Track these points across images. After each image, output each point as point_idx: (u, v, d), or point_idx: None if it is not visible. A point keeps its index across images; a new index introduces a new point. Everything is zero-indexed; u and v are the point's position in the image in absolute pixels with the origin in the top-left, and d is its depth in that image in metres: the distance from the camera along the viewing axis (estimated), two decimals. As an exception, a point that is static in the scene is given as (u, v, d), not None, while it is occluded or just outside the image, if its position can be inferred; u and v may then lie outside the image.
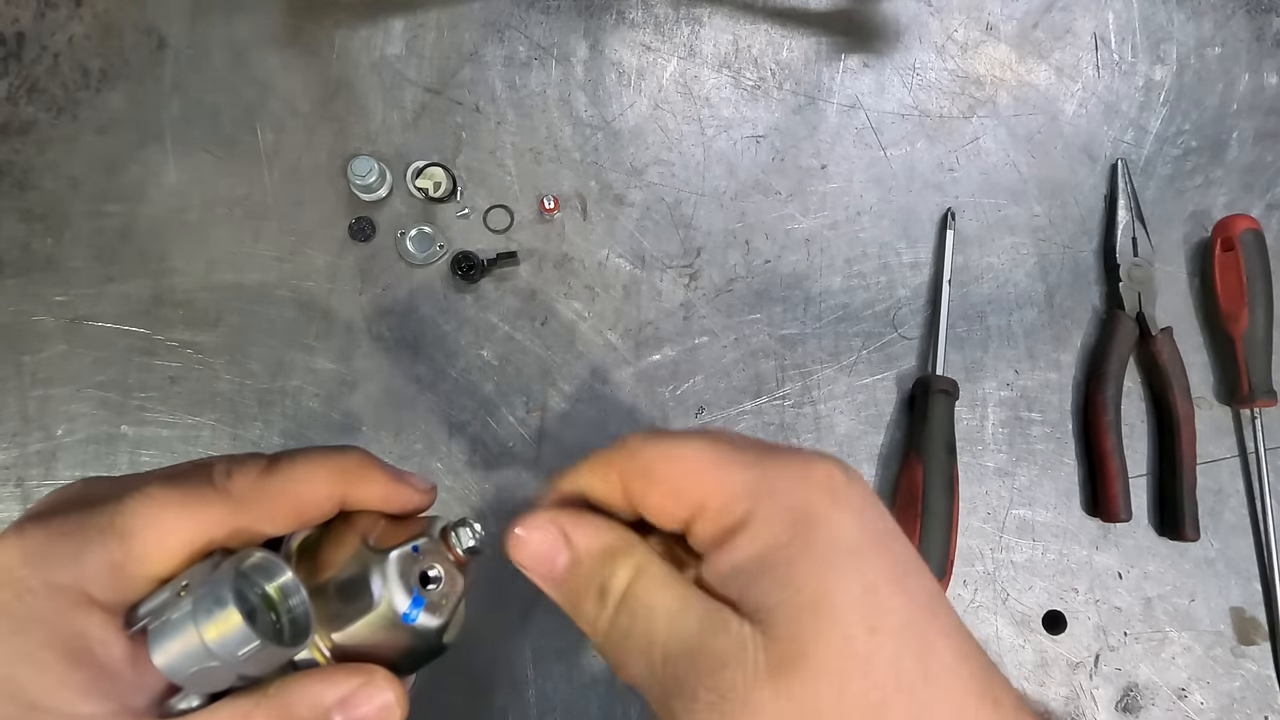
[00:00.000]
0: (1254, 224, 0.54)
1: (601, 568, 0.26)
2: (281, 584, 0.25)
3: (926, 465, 0.51)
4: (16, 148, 0.53)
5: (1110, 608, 0.53)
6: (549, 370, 0.53)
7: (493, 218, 0.55)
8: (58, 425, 0.51)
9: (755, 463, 0.24)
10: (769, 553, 0.23)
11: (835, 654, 0.22)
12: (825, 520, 0.23)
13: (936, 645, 0.22)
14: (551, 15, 0.56)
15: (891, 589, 0.23)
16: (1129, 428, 0.54)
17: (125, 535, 0.24)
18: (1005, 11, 0.58)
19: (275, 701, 0.24)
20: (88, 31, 0.55)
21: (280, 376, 0.52)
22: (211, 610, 0.23)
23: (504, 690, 0.50)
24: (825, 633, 0.22)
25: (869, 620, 0.22)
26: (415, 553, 0.27)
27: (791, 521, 0.23)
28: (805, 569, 0.22)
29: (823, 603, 0.22)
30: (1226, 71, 0.58)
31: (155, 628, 0.24)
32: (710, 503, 0.24)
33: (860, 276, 0.56)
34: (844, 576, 0.22)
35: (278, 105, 0.55)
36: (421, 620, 0.26)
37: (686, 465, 0.25)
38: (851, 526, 0.23)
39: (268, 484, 0.27)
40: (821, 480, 0.24)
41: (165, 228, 0.53)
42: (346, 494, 0.28)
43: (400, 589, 0.26)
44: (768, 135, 0.56)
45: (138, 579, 0.25)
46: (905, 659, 0.22)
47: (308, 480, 0.27)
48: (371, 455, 0.29)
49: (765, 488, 0.24)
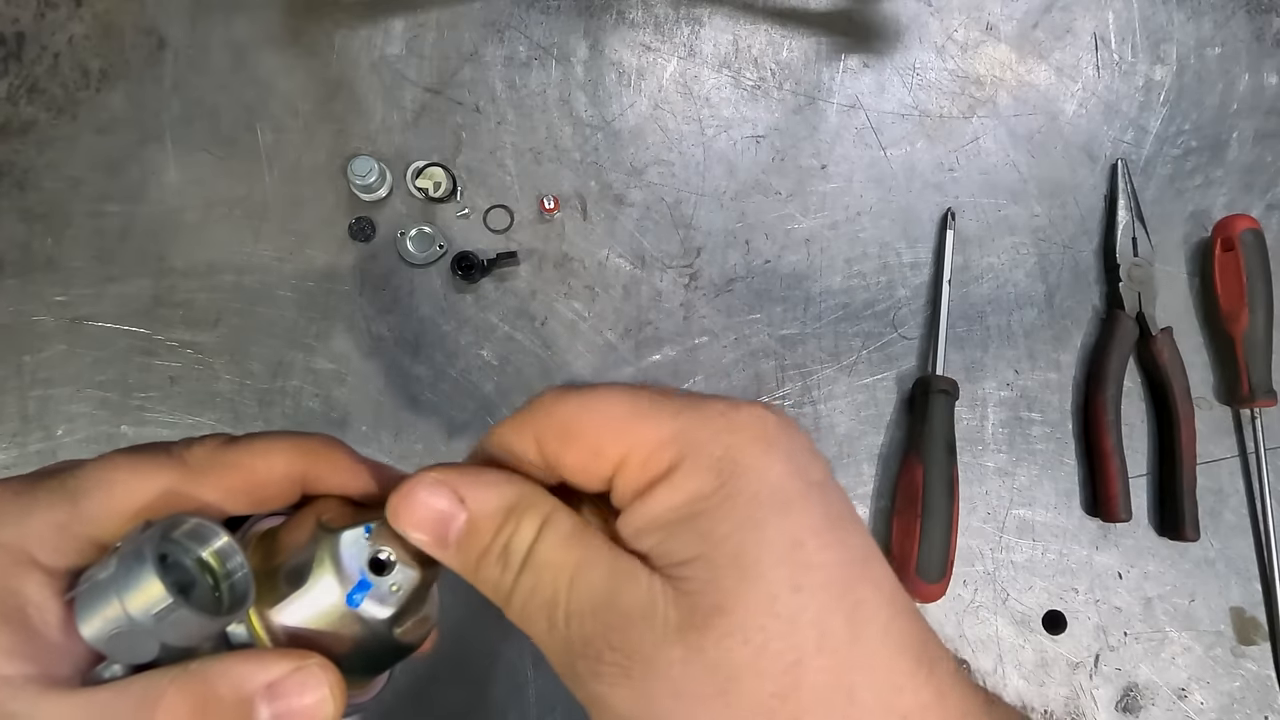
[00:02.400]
0: (1254, 224, 0.54)
1: (502, 527, 0.23)
2: (218, 549, 0.24)
3: (926, 465, 0.51)
4: (16, 148, 0.53)
5: (1110, 608, 0.53)
6: (549, 370, 0.53)
7: (493, 218, 0.55)
8: (58, 425, 0.51)
9: (679, 411, 0.22)
10: (690, 503, 0.21)
11: (754, 612, 0.20)
12: (752, 469, 0.21)
13: (867, 604, 0.21)
14: (551, 15, 0.56)
15: (820, 543, 0.21)
16: (1129, 428, 0.54)
17: (75, 496, 0.24)
18: (1005, 11, 0.58)
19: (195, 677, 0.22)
20: (88, 31, 0.55)
21: (280, 376, 0.52)
22: (130, 567, 0.22)
23: (504, 690, 0.50)
24: (745, 590, 0.20)
25: (794, 578, 0.20)
26: (367, 534, 0.25)
27: (716, 471, 0.21)
28: (727, 521, 0.21)
29: (744, 557, 0.20)
30: (1226, 71, 0.58)
31: (81, 590, 0.23)
32: (632, 456, 0.22)
33: (860, 276, 0.56)
34: (769, 529, 0.21)
35: (278, 105, 0.55)
36: (367, 607, 0.24)
37: (605, 419, 0.23)
38: (780, 475, 0.21)
39: (224, 455, 0.26)
40: (750, 425, 0.22)
41: (165, 228, 0.53)
42: (307, 475, 0.27)
43: (344, 568, 0.24)
44: (768, 135, 0.56)
45: (83, 541, 0.24)
46: (832, 619, 0.20)
47: (265, 455, 0.26)
48: (339, 441, 0.28)
49: (689, 437, 0.22)
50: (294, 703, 0.23)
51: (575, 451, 0.23)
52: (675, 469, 0.22)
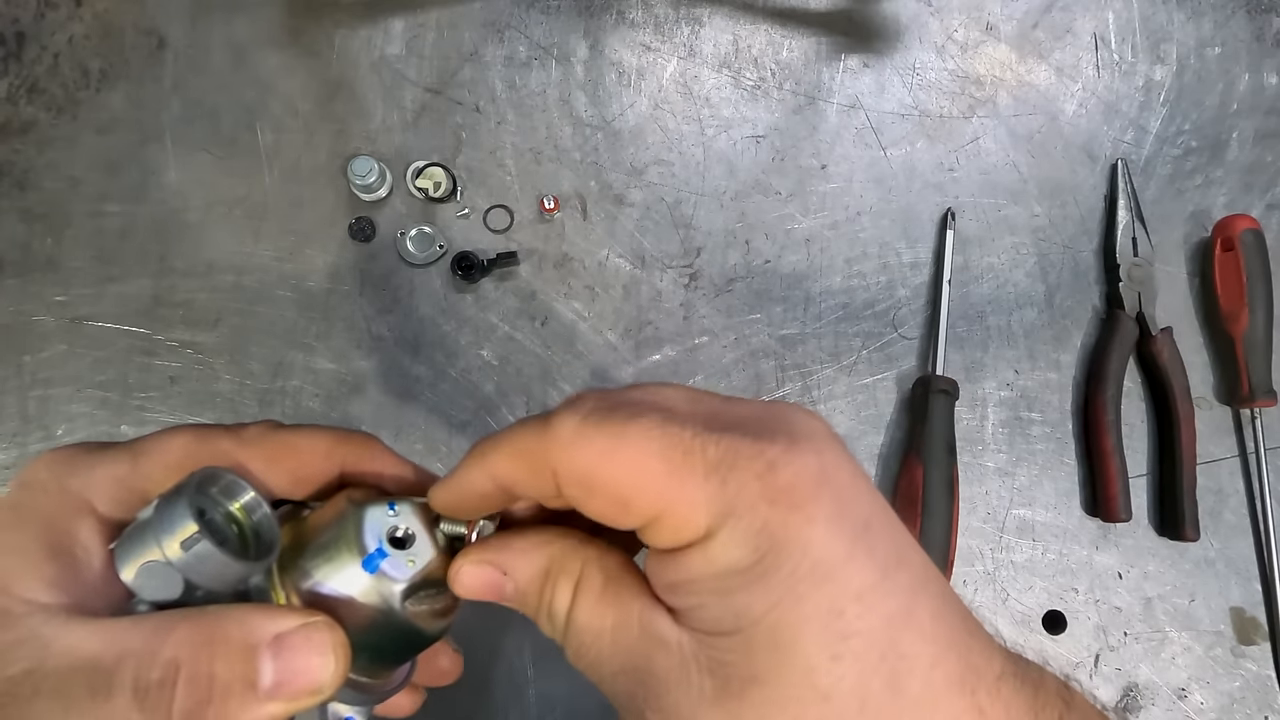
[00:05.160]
0: (1254, 224, 0.54)
1: (542, 593, 0.24)
2: (245, 502, 0.26)
3: (926, 465, 0.51)
4: (16, 148, 0.53)
5: (1110, 608, 0.53)
6: (549, 370, 0.53)
7: (493, 218, 0.55)
8: (58, 425, 0.51)
9: (714, 469, 0.21)
10: (725, 576, 0.21)
11: (792, 684, 0.20)
12: (792, 542, 0.20)
13: (907, 657, 0.21)
14: (551, 15, 0.56)
15: (861, 607, 0.20)
16: (1129, 428, 0.54)
17: (136, 454, 0.27)
18: (1005, 11, 0.58)
19: (208, 616, 0.24)
20: (88, 31, 0.55)
21: (280, 376, 0.52)
22: (166, 504, 0.24)
23: (504, 690, 0.50)
24: (782, 664, 0.20)
25: (833, 648, 0.20)
26: (392, 510, 0.26)
27: (754, 546, 0.20)
28: (765, 600, 0.20)
29: (781, 634, 0.20)
30: (1226, 71, 0.58)
31: (125, 533, 0.25)
32: (663, 519, 0.21)
33: (860, 276, 0.56)
34: (808, 604, 0.20)
35: (278, 105, 0.55)
36: (383, 575, 0.25)
37: (633, 475, 0.21)
38: (822, 543, 0.21)
39: (274, 433, 0.28)
40: (790, 490, 0.21)
41: (165, 228, 0.53)
42: (346, 461, 0.29)
43: (365, 535, 0.26)
44: (768, 135, 0.56)
45: (138, 495, 0.26)
46: (872, 683, 0.20)
47: (310, 438, 0.29)
48: (378, 439, 0.30)
49: (725, 505, 0.21)
50: (298, 658, 0.24)
51: (598, 502, 0.22)
52: (711, 537, 0.21)
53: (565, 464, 0.22)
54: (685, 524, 0.21)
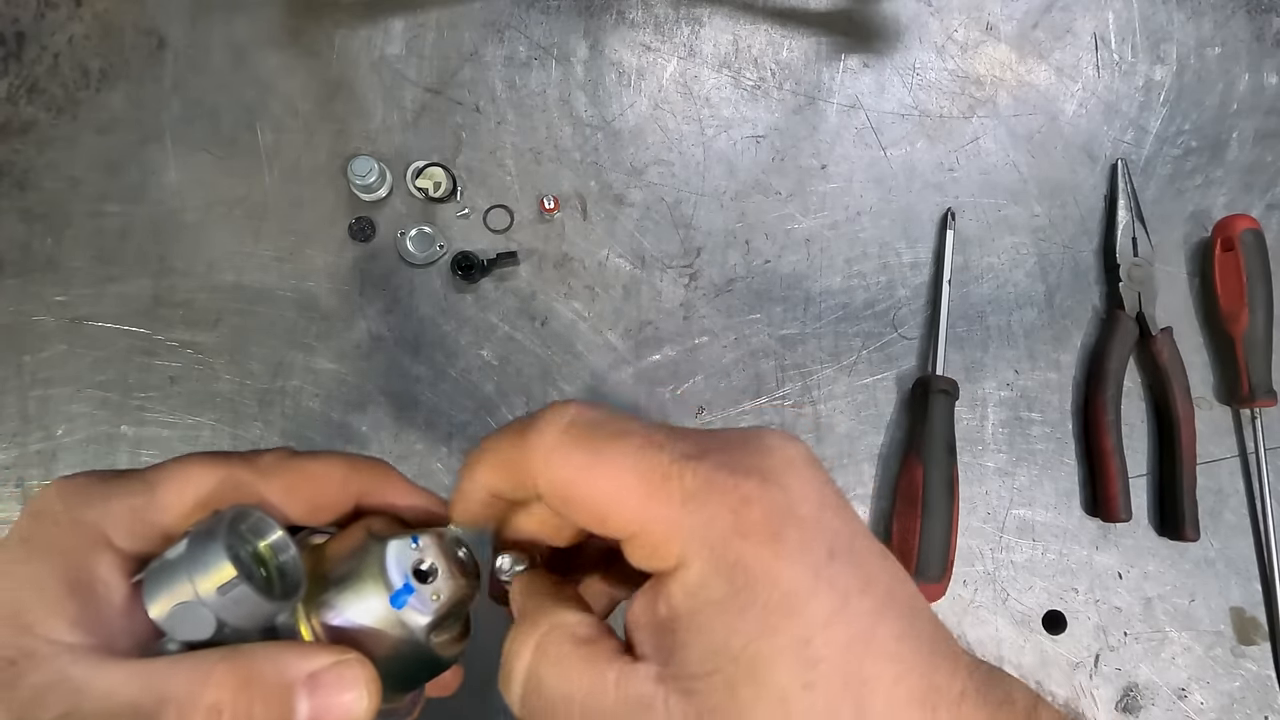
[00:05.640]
0: (1254, 224, 0.54)
1: (510, 651, 0.25)
2: (273, 541, 0.26)
3: (926, 465, 0.51)
4: (16, 148, 0.53)
5: (1110, 608, 0.53)
6: (549, 370, 0.53)
7: (493, 218, 0.55)
8: (58, 425, 0.51)
9: (689, 498, 0.22)
10: (701, 609, 0.22)
11: (770, 715, 0.21)
12: (765, 576, 0.21)
13: (871, 679, 0.21)
14: (551, 15, 0.56)
15: (826, 636, 0.21)
16: (1129, 428, 0.54)
17: (153, 485, 0.26)
18: (1005, 11, 0.58)
19: (244, 656, 0.24)
20: (88, 31, 0.55)
21: (280, 376, 0.52)
22: (201, 545, 0.24)
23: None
24: (760, 698, 0.21)
25: (804, 676, 0.21)
26: (415, 544, 0.27)
27: (729, 579, 0.21)
28: (742, 634, 0.21)
29: (758, 668, 0.21)
30: (1226, 71, 0.58)
31: (153, 569, 0.25)
32: (640, 538, 0.22)
33: (860, 276, 0.56)
34: (781, 636, 0.21)
35: (278, 105, 0.55)
36: (410, 610, 0.26)
37: (610, 491, 0.22)
38: (792, 576, 0.21)
39: (290, 462, 0.28)
40: (762, 525, 0.22)
41: (165, 228, 0.53)
42: (362, 490, 0.29)
43: (390, 571, 0.26)
44: (768, 135, 0.56)
45: (155, 528, 0.26)
46: (841, 707, 0.21)
47: (327, 465, 0.29)
48: (391, 465, 0.30)
49: (699, 536, 0.22)
50: (332, 695, 0.24)
51: (577, 514, 0.23)
52: (686, 566, 0.22)
53: (545, 476, 0.23)
54: (660, 546, 0.22)
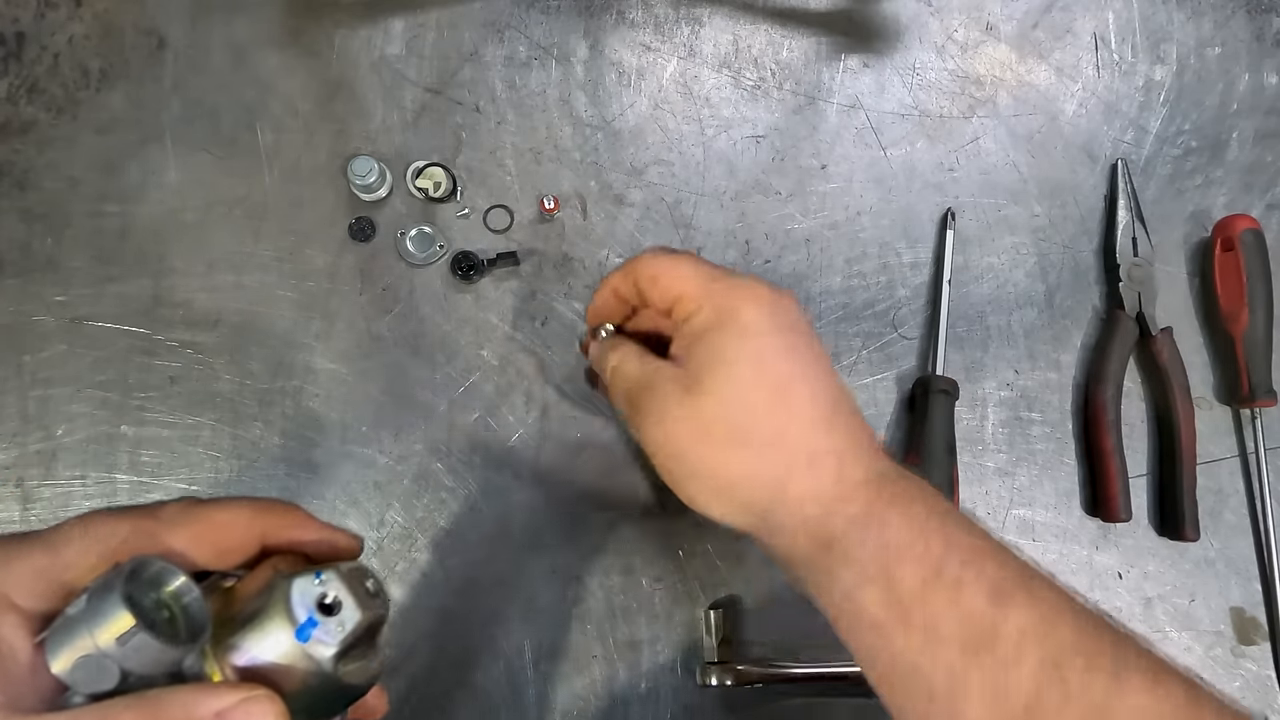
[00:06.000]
0: (1254, 224, 0.54)
1: (603, 357, 0.40)
2: (176, 588, 0.27)
3: (926, 465, 0.51)
4: (16, 148, 0.53)
5: (1110, 608, 0.53)
6: (549, 370, 0.53)
7: (493, 218, 0.55)
8: (58, 425, 0.51)
9: (715, 279, 0.36)
10: (703, 329, 0.36)
11: (724, 383, 0.34)
12: (740, 313, 0.35)
13: (796, 384, 0.35)
14: (551, 15, 0.56)
15: (776, 358, 0.35)
16: (1129, 428, 0.54)
17: (54, 544, 0.27)
18: (1005, 11, 0.58)
19: (149, 703, 0.24)
20: (88, 31, 0.55)
21: (280, 376, 0.52)
22: (99, 598, 0.24)
23: (504, 690, 0.50)
24: (720, 372, 0.34)
25: (753, 369, 0.34)
26: (318, 579, 0.28)
27: (719, 314, 0.35)
28: (719, 337, 0.35)
29: (724, 355, 0.35)
30: (1226, 71, 0.58)
31: (54, 627, 0.25)
32: (684, 298, 0.36)
33: (860, 276, 0.56)
34: (744, 344, 0.35)
35: (278, 105, 0.55)
36: (315, 642, 0.27)
37: (672, 275, 0.37)
38: (755, 319, 0.35)
39: (194, 510, 0.29)
40: (748, 291, 0.36)
41: (165, 228, 0.53)
42: (268, 531, 0.30)
43: (294, 607, 0.27)
44: (768, 135, 0.56)
45: (59, 586, 0.26)
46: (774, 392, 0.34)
47: (230, 510, 0.29)
48: (296, 504, 0.32)
49: (712, 294, 0.36)
50: None
51: (655, 290, 0.38)
52: (700, 309, 0.36)
53: (644, 269, 0.38)
54: (691, 301, 0.36)
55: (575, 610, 0.51)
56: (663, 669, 0.51)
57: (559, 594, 0.51)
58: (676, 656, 0.51)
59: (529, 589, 0.51)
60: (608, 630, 0.51)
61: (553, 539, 0.52)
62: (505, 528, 0.52)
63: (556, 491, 0.52)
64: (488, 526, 0.52)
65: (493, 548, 0.51)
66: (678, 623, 0.51)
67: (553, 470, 0.52)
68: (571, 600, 0.51)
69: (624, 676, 0.51)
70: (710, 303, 0.35)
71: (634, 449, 0.52)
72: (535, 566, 0.51)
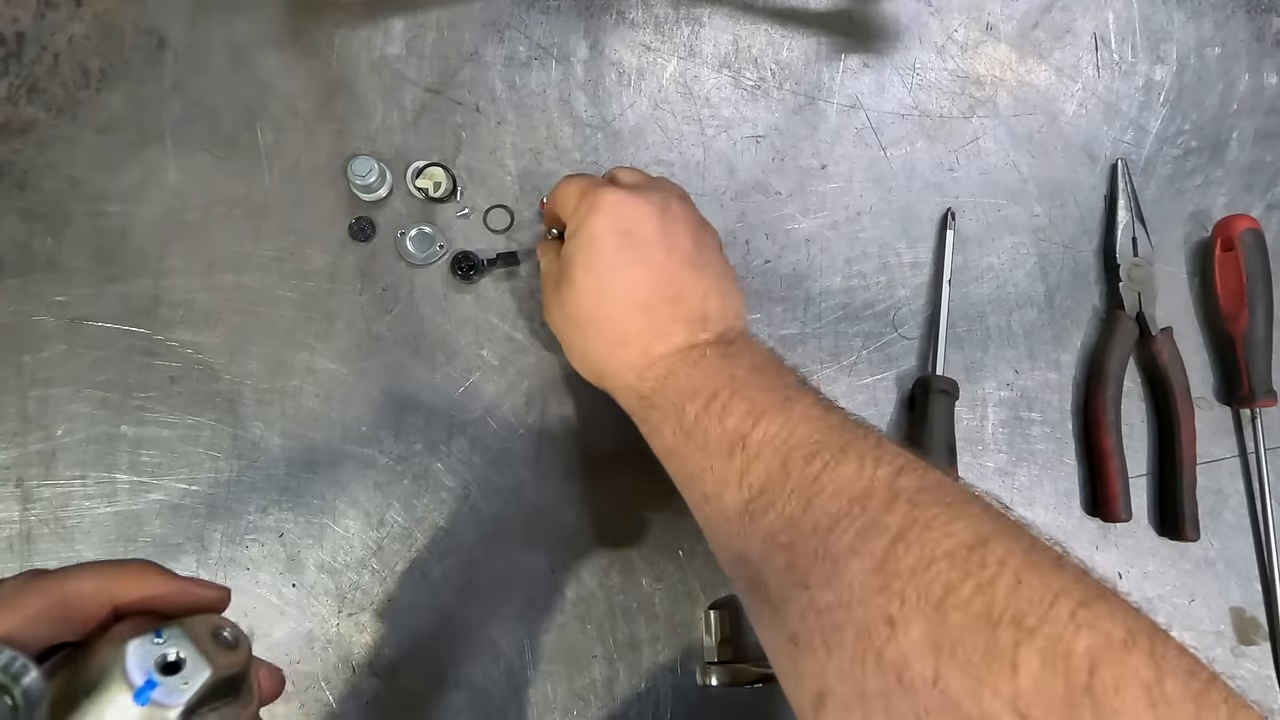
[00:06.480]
0: (1254, 224, 0.54)
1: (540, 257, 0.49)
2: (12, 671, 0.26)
3: (926, 465, 0.51)
4: (16, 148, 0.53)
5: (1110, 608, 0.53)
6: (549, 370, 0.53)
7: (493, 218, 0.55)
8: (58, 425, 0.51)
9: (584, 195, 0.43)
10: (570, 236, 0.44)
11: (571, 279, 0.43)
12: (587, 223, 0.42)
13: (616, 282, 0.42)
14: (551, 15, 0.56)
15: (601, 257, 0.42)
16: (1129, 428, 0.54)
17: None
18: (1005, 11, 0.58)
19: None
20: (88, 31, 0.55)
21: (280, 376, 0.52)
22: None
23: (504, 690, 0.50)
24: (569, 272, 0.43)
25: (584, 270, 0.42)
26: (158, 639, 0.27)
27: (578, 223, 0.43)
28: (571, 244, 0.43)
29: (573, 258, 0.43)
30: (1226, 71, 0.58)
31: None
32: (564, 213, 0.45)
33: (860, 276, 0.56)
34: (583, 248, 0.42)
35: (278, 105, 0.55)
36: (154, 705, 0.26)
37: (560, 195, 0.46)
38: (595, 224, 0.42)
39: (34, 583, 0.28)
40: (598, 201, 0.42)
41: (165, 228, 0.53)
42: (116, 594, 0.29)
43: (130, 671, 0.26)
44: (768, 135, 0.56)
45: None
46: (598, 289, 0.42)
47: (75, 579, 0.28)
48: (151, 562, 0.31)
49: (579, 207, 0.43)
50: None
51: (557, 208, 0.46)
52: (571, 220, 0.44)
53: (552, 193, 0.47)
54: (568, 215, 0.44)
55: (575, 610, 0.51)
56: (663, 669, 0.51)
57: (559, 594, 0.51)
58: (676, 656, 0.51)
59: (529, 589, 0.51)
60: (608, 630, 0.51)
61: (552, 539, 0.52)
62: (505, 527, 0.52)
63: (556, 491, 0.52)
64: (487, 526, 0.52)
65: (492, 547, 0.51)
66: (678, 623, 0.51)
67: (552, 470, 0.52)
68: (571, 600, 0.51)
69: (624, 676, 0.51)
70: (576, 215, 0.43)
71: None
72: (535, 566, 0.51)
